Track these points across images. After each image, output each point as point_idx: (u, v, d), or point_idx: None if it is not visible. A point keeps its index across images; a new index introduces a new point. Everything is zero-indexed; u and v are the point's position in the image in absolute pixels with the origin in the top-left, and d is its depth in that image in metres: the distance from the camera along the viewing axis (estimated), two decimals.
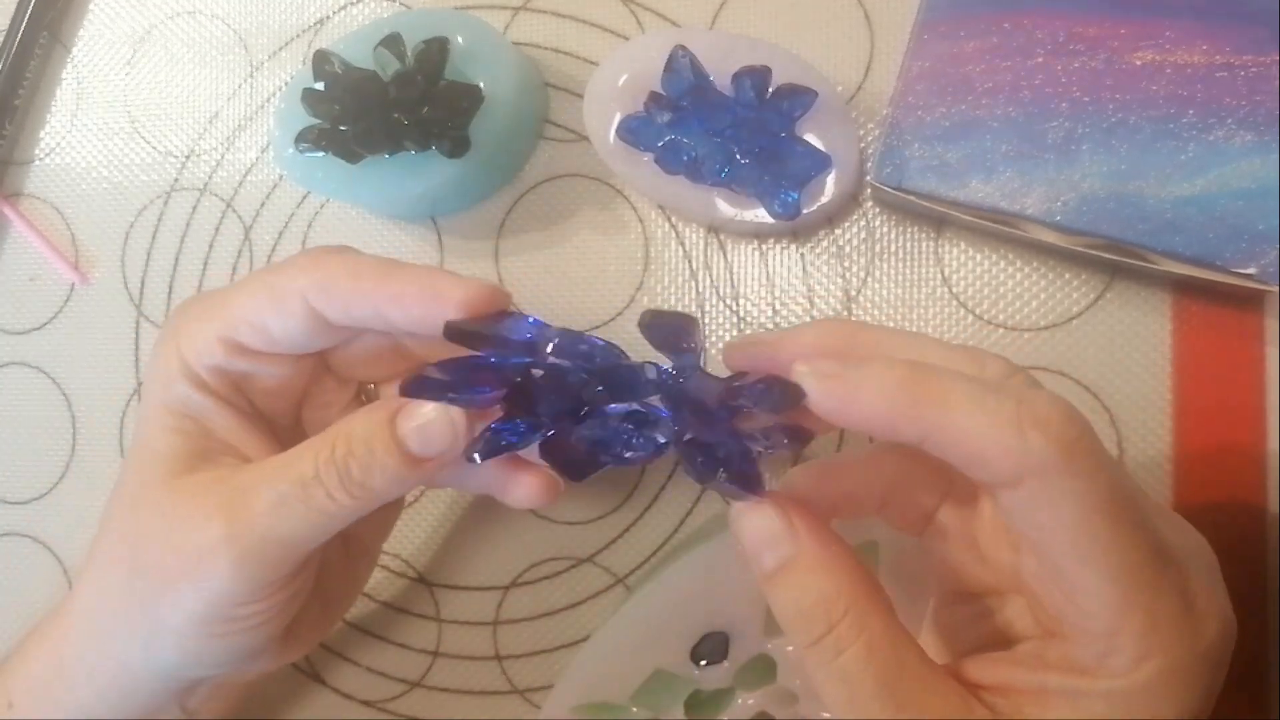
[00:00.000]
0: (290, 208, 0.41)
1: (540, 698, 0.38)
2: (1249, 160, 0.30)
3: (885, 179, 0.32)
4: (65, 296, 0.43)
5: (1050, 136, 0.31)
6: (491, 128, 0.35)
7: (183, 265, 0.42)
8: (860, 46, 0.36)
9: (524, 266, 0.39)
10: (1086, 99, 0.31)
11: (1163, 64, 0.31)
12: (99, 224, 0.43)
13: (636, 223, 0.38)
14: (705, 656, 0.32)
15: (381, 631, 0.39)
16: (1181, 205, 0.30)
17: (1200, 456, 0.33)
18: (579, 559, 0.38)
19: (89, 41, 0.44)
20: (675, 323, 0.25)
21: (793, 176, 0.34)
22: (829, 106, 0.34)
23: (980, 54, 0.32)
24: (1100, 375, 0.34)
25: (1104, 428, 0.34)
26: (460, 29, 0.36)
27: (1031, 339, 0.34)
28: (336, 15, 0.41)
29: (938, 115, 0.32)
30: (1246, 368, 0.33)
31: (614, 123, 0.35)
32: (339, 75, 0.36)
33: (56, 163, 0.44)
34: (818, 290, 0.36)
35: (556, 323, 0.27)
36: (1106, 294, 0.34)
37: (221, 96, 0.42)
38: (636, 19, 0.38)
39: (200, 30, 0.43)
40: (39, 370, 0.43)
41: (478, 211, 0.39)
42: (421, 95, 0.35)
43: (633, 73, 0.35)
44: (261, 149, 0.41)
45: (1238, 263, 0.30)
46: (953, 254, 0.35)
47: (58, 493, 0.43)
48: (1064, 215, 0.31)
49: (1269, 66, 0.30)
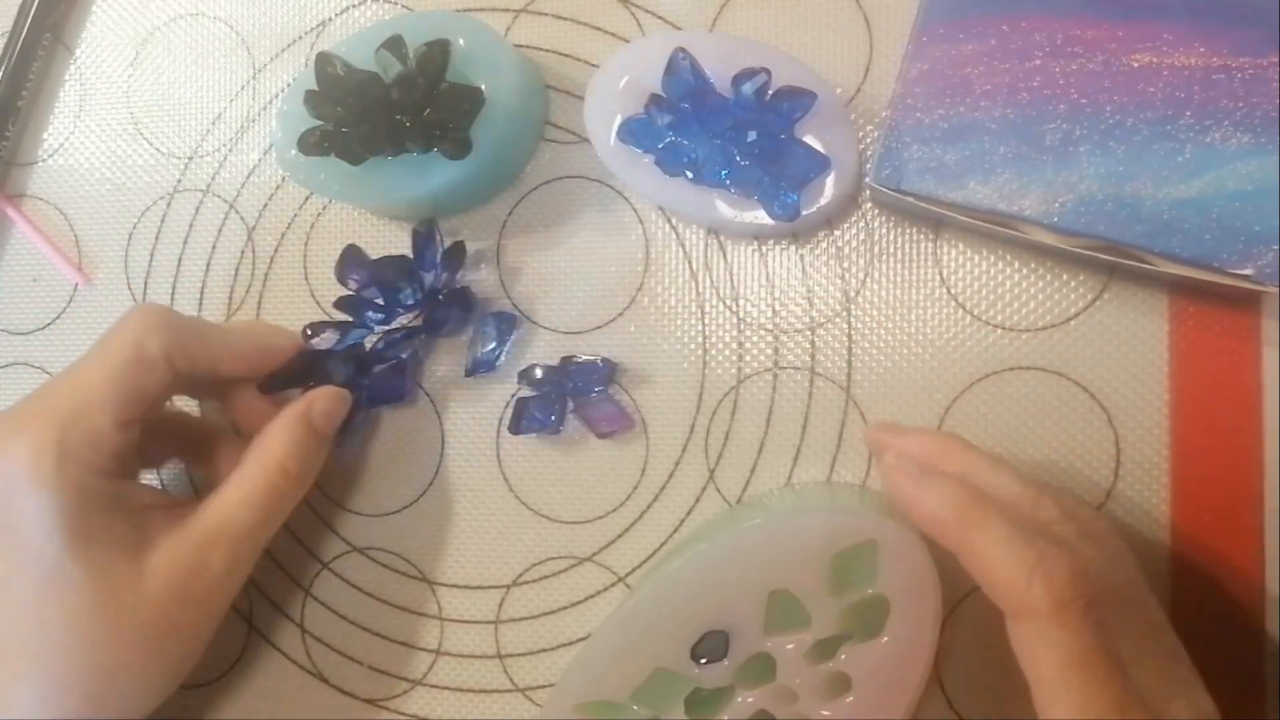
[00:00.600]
0: (293, 209, 0.41)
1: (542, 696, 0.38)
2: (1246, 162, 0.30)
3: (884, 181, 0.32)
4: (68, 297, 0.43)
5: (1048, 138, 0.31)
6: (493, 129, 0.35)
7: (185, 266, 0.42)
8: (859, 49, 0.36)
9: (525, 267, 0.39)
10: (1084, 101, 0.31)
11: (1160, 66, 0.31)
12: (102, 225, 0.43)
13: (637, 224, 0.38)
14: (705, 655, 0.32)
15: (383, 630, 0.39)
16: (1179, 207, 0.30)
17: (1197, 457, 0.33)
18: (580, 558, 0.38)
19: (92, 43, 0.44)
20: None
21: (792, 178, 0.34)
22: (828, 109, 0.34)
23: (979, 56, 0.32)
24: (1098, 376, 0.34)
25: (1102, 428, 0.34)
26: (462, 31, 0.36)
27: (1029, 340, 0.34)
28: (339, 17, 0.41)
29: (936, 117, 0.32)
30: (1244, 368, 0.33)
31: (615, 125, 0.35)
32: (341, 77, 0.36)
33: (59, 164, 0.44)
34: (817, 291, 0.36)
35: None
36: (1104, 295, 0.34)
37: (224, 98, 0.42)
38: (637, 21, 0.38)
39: (203, 32, 0.43)
40: (42, 371, 0.43)
41: (479, 213, 0.39)
42: (423, 97, 0.35)
43: (633, 75, 0.35)
44: (264, 150, 0.42)
45: (1235, 264, 0.30)
46: (951, 255, 0.35)
47: None
48: (1062, 217, 0.31)
49: (1266, 69, 0.30)
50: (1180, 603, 0.33)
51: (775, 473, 0.36)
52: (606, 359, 0.37)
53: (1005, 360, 0.35)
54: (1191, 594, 0.33)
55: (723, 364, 0.37)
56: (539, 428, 0.37)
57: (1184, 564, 0.33)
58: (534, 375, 0.37)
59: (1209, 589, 0.33)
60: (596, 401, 0.37)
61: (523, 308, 0.39)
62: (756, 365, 0.37)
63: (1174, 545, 0.33)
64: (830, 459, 0.36)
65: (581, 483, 0.38)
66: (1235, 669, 0.33)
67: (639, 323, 0.38)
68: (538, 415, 0.37)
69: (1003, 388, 0.35)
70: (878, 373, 0.36)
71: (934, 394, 0.35)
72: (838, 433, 0.36)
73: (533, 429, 0.37)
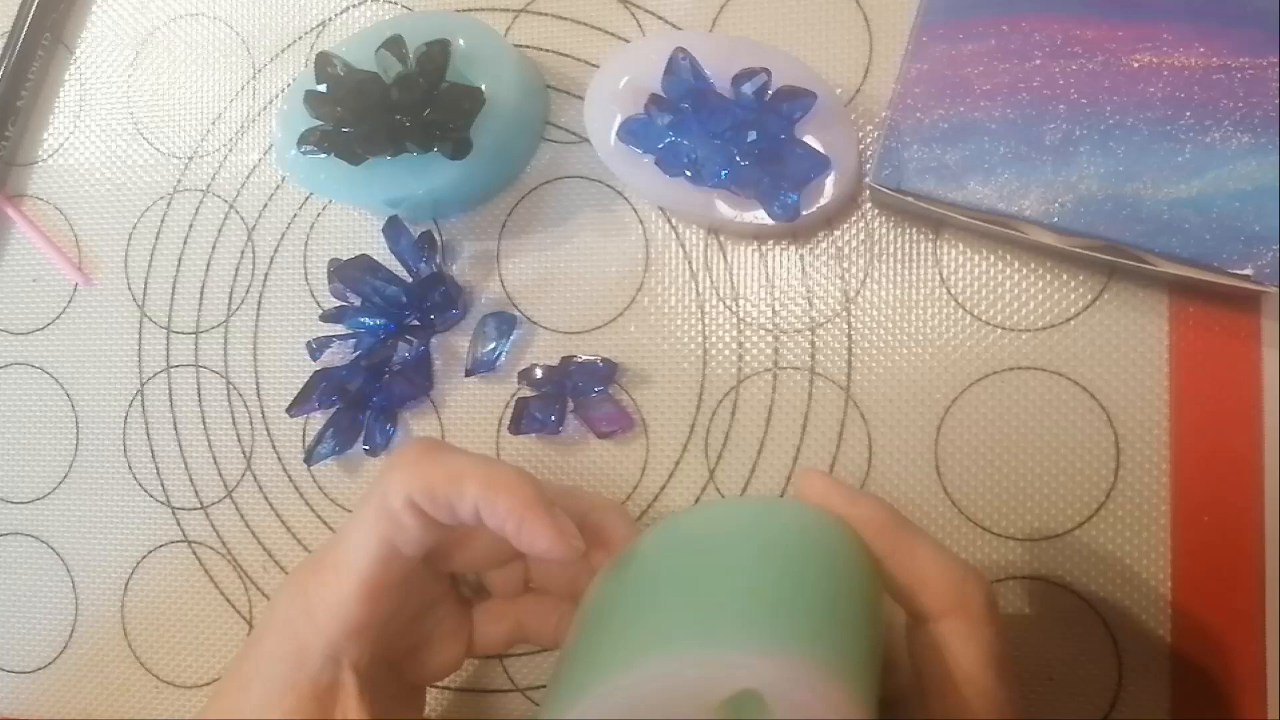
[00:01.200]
0: (293, 209, 0.41)
1: (541, 695, 0.38)
2: (1246, 162, 0.30)
3: (884, 180, 0.32)
4: (68, 297, 0.43)
5: (1048, 138, 0.31)
6: (493, 129, 0.35)
7: (185, 266, 0.42)
8: (859, 49, 0.36)
9: (525, 268, 0.39)
10: (1084, 101, 0.31)
11: (1160, 66, 0.31)
12: (102, 225, 0.43)
13: (637, 224, 0.38)
14: None
15: None
16: (1179, 207, 0.30)
17: (1197, 456, 0.33)
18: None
19: (92, 43, 0.44)
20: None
21: (792, 178, 0.34)
22: (828, 109, 0.34)
23: (978, 56, 0.32)
24: (1098, 376, 0.34)
25: (1101, 428, 0.34)
26: (462, 31, 0.36)
27: (1029, 339, 0.34)
28: (338, 18, 0.41)
29: (936, 117, 0.32)
30: (1243, 368, 0.33)
31: (614, 125, 0.35)
32: (341, 77, 0.36)
33: (59, 164, 0.44)
34: (817, 291, 0.36)
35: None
36: (1104, 295, 0.34)
37: (224, 98, 0.42)
38: (637, 21, 0.38)
39: (203, 32, 0.43)
40: (42, 371, 0.43)
41: (479, 213, 0.39)
42: (423, 97, 0.35)
43: (633, 75, 0.35)
44: (264, 151, 0.42)
45: (1234, 264, 0.30)
46: (951, 255, 0.35)
47: (60, 493, 0.43)
48: (1062, 217, 0.31)
49: (1265, 69, 0.30)
50: (1180, 602, 0.33)
51: (775, 472, 0.36)
52: (607, 359, 0.37)
53: (1005, 360, 0.35)
54: (1191, 593, 0.33)
55: (722, 364, 0.37)
56: (539, 428, 0.37)
57: (1184, 563, 0.33)
58: (534, 375, 0.37)
59: (1209, 588, 0.33)
60: (597, 401, 0.37)
61: (523, 308, 0.39)
62: (756, 365, 0.37)
63: (1173, 545, 0.33)
64: (830, 459, 0.36)
65: (581, 483, 0.38)
66: (1236, 669, 0.33)
67: (639, 323, 0.38)
68: (538, 415, 0.37)
69: (1003, 388, 0.35)
70: (877, 373, 0.36)
71: (934, 394, 0.35)
72: (837, 433, 0.36)
73: (533, 429, 0.37)
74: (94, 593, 0.42)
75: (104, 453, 0.43)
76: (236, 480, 0.41)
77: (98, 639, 0.42)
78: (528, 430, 0.37)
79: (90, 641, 0.42)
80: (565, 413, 0.37)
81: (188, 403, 0.42)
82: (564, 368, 0.37)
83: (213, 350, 0.42)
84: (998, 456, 0.34)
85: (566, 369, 0.37)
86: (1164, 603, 0.33)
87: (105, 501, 0.42)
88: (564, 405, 0.37)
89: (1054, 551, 0.34)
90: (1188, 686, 0.33)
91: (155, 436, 0.42)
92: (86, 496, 0.43)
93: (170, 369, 0.42)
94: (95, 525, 0.43)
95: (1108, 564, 0.33)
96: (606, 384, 0.37)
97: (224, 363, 0.42)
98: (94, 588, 0.42)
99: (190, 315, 0.42)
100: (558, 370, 0.37)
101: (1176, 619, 0.33)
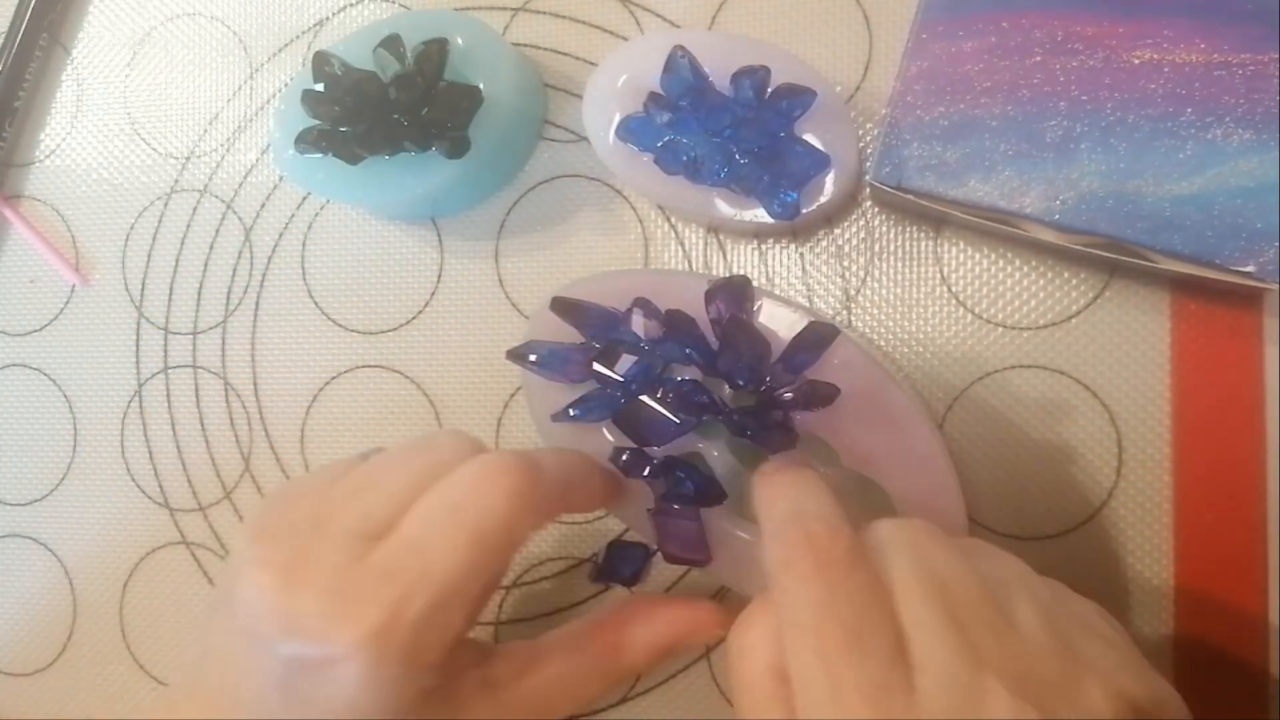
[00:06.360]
0: (290, 209, 0.41)
1: None
2: (1247, 158, 0.30)
3: (884, 178, 0.32)
4: (66, 298, 0.43)
5: (1049, 135, 0.31)
6: (491, 128, 0.35)
7: (183, 267, 0.42)
8: (859, 46, 0.36)
9: (524, 267, 0.39)
10: (1085, 98, 0.31)
11: (1161, 63, 0.31)
12: (99, 226, 0.43)
13: (636, 223, 0.38)
14: None
15: None
16: (1180, 204, 0.30)
17: (1199, 454, 0.33)
18: (579, 559, 0.38)
19: (89, 43, 0.44)
20: (737, 286, 0.31)
21: (792, 176, 0.34)
22: (828, 106, 0.34)
23: (979, 53, 0.32)
24: (1099, 374, 0.34)
25: (1103, 426, 0.34)
26: (459, 30, 0.36)
27: (1030, 338, 0.34)
28: (336, 17, 0.41)
29: (936, 115, 0.32)
30: (1245, 366, 0.33)
31: (613, 123, 0.35)
32: (339, 76, 0.36)
33: (56, 164, 0.44)
34: (817, 290, 0.36)
35: None
36: (1105, 293, 0.34)
37: (221, 98, 0.42)
38: (635, 19, 0.38)
39: (200, 32, 0.43)
40: (39, 372, 0.43)
41: (478, 212, 0.39)
42: (421, 96, 0.35)
43: (632, 73, 0.35)
44: (261, 150, 0.42)
45: (1236, 261, 0.30)
46: (951, 253, 0.35)
47: (59, 494, 0.43)
48: (1063, 214, 0.31)
49: (1267, 65, 0.30)
50: (1183, 601, 0.33)
51: None
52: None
53: (1006, 359, 0.34)
54: (1194, 592, 0.33)
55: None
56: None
57: (1187, 561, 0.33)
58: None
59: (1212, 587, 0.33)
60: (680, 515, 0.32)
61: (522, 307, 0.39)
62: None
63: (1176, 544, 0.33)
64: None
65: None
66: (1237, 668, 0.32)
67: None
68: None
69: (1004, 386, 0.34)
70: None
71: (935, 393, 0.35)
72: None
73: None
74: (92, 595, 0.42)
75: (102, 454, 0.42)
76: (235, 481, 0.41)
77: (96, 641, 0.42)
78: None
79: (88, 644, 0.42)
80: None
81: (185, 404, 0.42)
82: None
83: (210, 351, 0.42)
84: (999, 455, 0.34)
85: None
86: (1167, 601, 0.33)
87: (103, 503, 0.42)
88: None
89: (1057, 550, 0.34)
90: (1191, 684, 0.32)
91: (153, 438, 0.42)
92: (84, 498, 0.43)
93: (168, 370, 0.42)
94: (93, 527, 0.42)
95: (1111, 562, 0.33)
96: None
97: (222, 363, 0.41)
98: (92, 590, 0.42)
99: (188, 316, 0.42)
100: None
101: (1180, 617, 0.33)
